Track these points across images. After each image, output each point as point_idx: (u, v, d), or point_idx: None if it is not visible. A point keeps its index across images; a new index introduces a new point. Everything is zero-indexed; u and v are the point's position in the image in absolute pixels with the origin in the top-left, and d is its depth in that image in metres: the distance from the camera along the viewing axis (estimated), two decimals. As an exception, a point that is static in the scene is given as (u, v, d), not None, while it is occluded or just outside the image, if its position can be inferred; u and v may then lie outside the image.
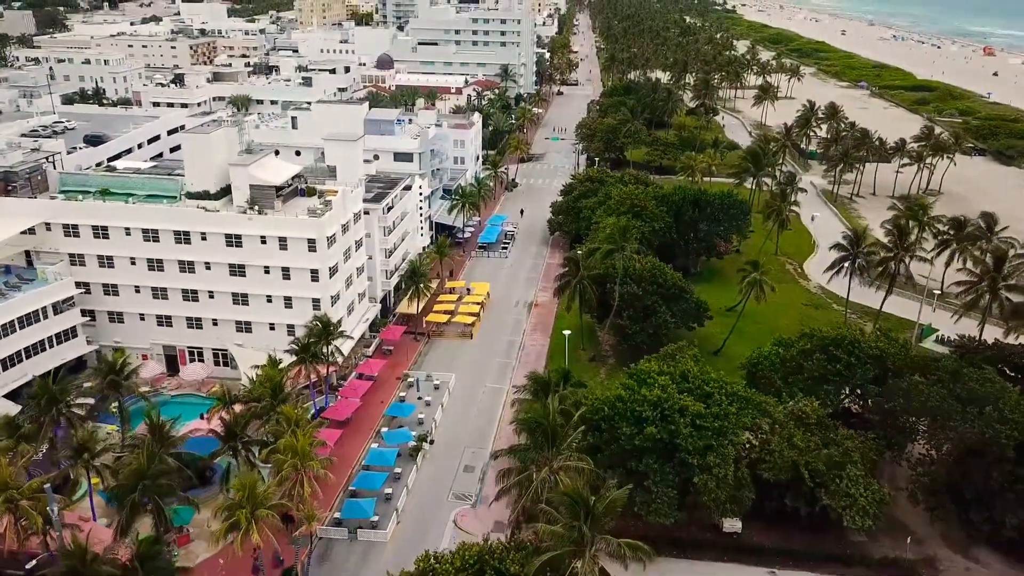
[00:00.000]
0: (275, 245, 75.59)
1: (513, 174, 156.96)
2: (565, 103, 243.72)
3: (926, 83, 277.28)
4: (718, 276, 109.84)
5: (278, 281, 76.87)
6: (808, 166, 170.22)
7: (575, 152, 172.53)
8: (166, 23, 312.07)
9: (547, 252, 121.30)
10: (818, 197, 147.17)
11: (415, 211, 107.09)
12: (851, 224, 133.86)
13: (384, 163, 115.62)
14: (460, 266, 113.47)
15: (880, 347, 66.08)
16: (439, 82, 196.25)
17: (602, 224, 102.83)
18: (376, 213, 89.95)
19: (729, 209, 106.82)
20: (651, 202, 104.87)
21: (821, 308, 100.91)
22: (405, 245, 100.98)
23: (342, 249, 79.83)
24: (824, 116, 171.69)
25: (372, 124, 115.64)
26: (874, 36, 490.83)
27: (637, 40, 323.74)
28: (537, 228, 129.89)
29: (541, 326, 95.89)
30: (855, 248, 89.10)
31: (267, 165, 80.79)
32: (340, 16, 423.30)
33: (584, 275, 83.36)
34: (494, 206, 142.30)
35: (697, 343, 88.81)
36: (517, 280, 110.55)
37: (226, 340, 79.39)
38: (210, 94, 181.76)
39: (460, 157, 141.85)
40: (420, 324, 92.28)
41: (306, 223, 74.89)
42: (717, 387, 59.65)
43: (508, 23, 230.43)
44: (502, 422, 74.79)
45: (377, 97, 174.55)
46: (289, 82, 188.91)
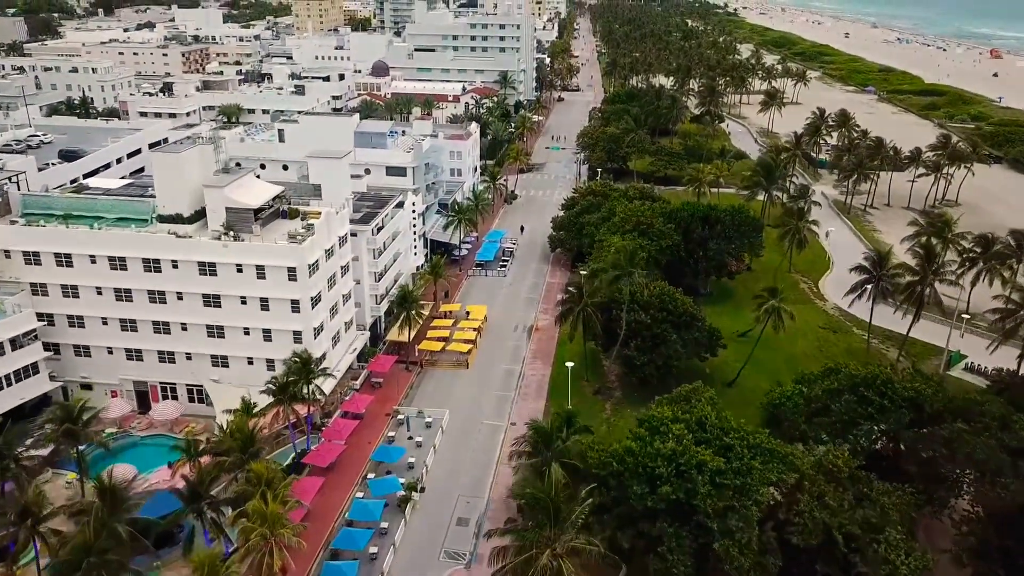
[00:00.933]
0: (252, 274, 69.56)
1: (512, 185, 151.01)
2: (566, 110, 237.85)
3: (935, 87, 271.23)
4: (729, 297, 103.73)
5: (256, 312, 70.82)
6: (818, 175, 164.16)
7: (576, 162, 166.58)
8: (159, 30, 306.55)
9: (548, 270, 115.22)
10: (830, 209, 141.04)
11: (408, 229, 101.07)
12: (867, 239, 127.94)
13: (376, 177, 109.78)
14: (456, 286, 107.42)
15: (916, 388, 59.84)
16: (436, 90, 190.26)
17: (606, 243, 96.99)
18: (364, 235, 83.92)
19: (740, 226, 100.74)
20: (658, 219, 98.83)
21: (840, 332, 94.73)
22: (397, 266, 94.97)
23: (326, 276, 73.79)
24: (835, 123, 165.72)
25: (363, 137, 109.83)
26: (878, 39, 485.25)
27: (639, 45, 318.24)
28: (537, 244, 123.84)
29: (542, 353, 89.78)
30: (878, 270, 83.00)
31: (245, 186, 74.81)
32: (337, 22, 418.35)
33: (588, 302, 77.26)
34: (492, 220, 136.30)
35: (709, 372, 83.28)
36: (516, 301, 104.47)
37: (201, 375, 73.32)
38: (199, 103, 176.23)
39: (457, 169, 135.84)
40: (412, 352, 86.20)
41: (285, 250, 68.87)
42: (738, 438, 53.47)
43: (507, 28, 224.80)
44: (500, 465, 68.68)
45: (371, 106, 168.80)
46: (281, 90, 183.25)
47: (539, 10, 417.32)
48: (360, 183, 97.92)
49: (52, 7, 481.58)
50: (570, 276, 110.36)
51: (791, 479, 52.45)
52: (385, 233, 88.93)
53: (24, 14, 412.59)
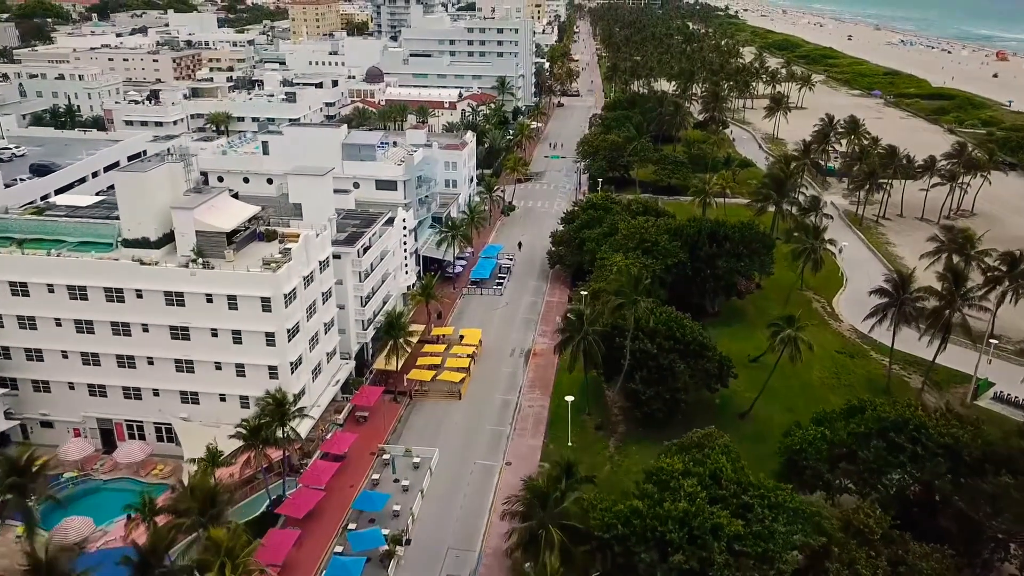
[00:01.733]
0: (223, 304, 63.88)
1: (510, 196, 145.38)
2: (566, 116, 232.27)
3: (942, 91, 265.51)
4: (739, 318, 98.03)
5: (228, 346, 65.14)
6: (827, 184, 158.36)
7: (577, 171, 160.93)
8: (152, 35, 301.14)
9: (546, 287, 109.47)
10: (841, 220, 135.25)
11: (398, 247, 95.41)
12: (881, 253, 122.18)
13: (365, 191, 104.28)
14: (450, 307, 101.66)
15: (952, 433, 54.03)
16: (432, 96, 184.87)
17: (608, 262, 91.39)
18: (349, 257, 78.23)
19: (750, 243, 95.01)
20: (663, 237, 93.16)
21: (858, 357, 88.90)
22: (386, 288, 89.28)
23: (305, 305, 68.10)
24: (844, 130, 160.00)
25: (351, 149, 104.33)
26: (881, 41, 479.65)
27: (640, 48, 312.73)
28: (536, 259, 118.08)
29: (540, 381, 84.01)
30: (900, 293, 77.23)
31: (217, 207, 69.12)
32: (335, 26, 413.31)
33: (589, 330, 71.52)
34: (489, 232, 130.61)
35: (719, 403, 77.61)
36: (513, 322, 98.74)
37: (169, 413, 67.63)
38: (187, 111, 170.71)
39: (452, 180, 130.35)
40: (400, 382, 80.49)
41: (259, 279, 63.17)
42: (758, 496, 47.72)
43: (505, 32, 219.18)
44: (493, 514, 62.92)
45: (364, 113, 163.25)
46: (272, 97, 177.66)
47: (538, 13, 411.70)
48: (348, 198, 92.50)
49: (47, 12, 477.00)
50: (570, 294, 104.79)
51: (818, 543, 46.69)
52: (372, 253, 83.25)
53: (18, 19, 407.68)
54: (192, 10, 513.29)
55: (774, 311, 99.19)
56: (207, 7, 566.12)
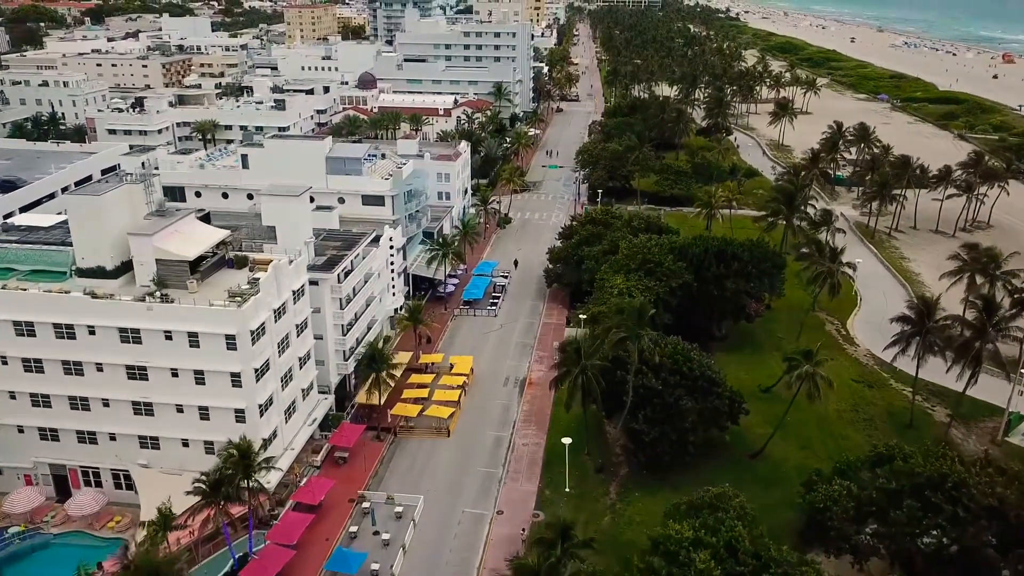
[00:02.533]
0: (184, 342, 57.95)
1: (506, 208, 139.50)
2: (565, 122, 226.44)
3: (950, 95, 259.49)
4: (748, 342, 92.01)
5: (190, 387, 59.20)
6: (836, 194, 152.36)
7: (575, 181, 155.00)
8: (143, 39, 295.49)
9: (543, 308, 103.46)
10: (853, 233, 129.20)
11: (384, 268, 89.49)
12: (896, 268, 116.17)
13: (351, 207, 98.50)
14: (440, 330, 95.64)
15: (999, 493, 48.00)
16: (426, 103, 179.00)
17: (609, 284, 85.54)
18: (328, 283, 72.26)
19: (760, 262, 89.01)
20: (667, 257, 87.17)
21: (877, 387, 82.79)
22: (370, 313, 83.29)
23: (276, 340, 62.15)
24: (854, 137, 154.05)
25: (335, 163, 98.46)
26: (885, 43, 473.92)
27: (640, 52, 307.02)
28: (532, 275, 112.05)
29: (536, 415, 77.98)
30: (925, 322, 71.20)
31: (181, 232, 63.24)
32: (331, 30, 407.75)
33: (587, 364, 65.53)
34: (484, 247, 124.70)
35: (729, 439, 71.56)
36: (507, 347, 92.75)
37: (128, 459, 61.70)
38: (173, 119, 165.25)
39: (444, 192, 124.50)
40: (384, 418, 74.51)
41: (222, 314, 57.21)
42: (781, 574, 41.68)
43: (502, 36, 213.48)
44: (483, 572, 56.94)
45: (355, 122, 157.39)
46: (261, 104, 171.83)
47: (537, 16, 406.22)
48: (331, 216, 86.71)
49: (41, 16, 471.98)
50: (568, 314, 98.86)
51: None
52: (354, 278, 77.28)
53: (11, 23, 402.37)
54: (189, 14, 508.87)
55: (785, 335, 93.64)
56: (204, 11, 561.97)
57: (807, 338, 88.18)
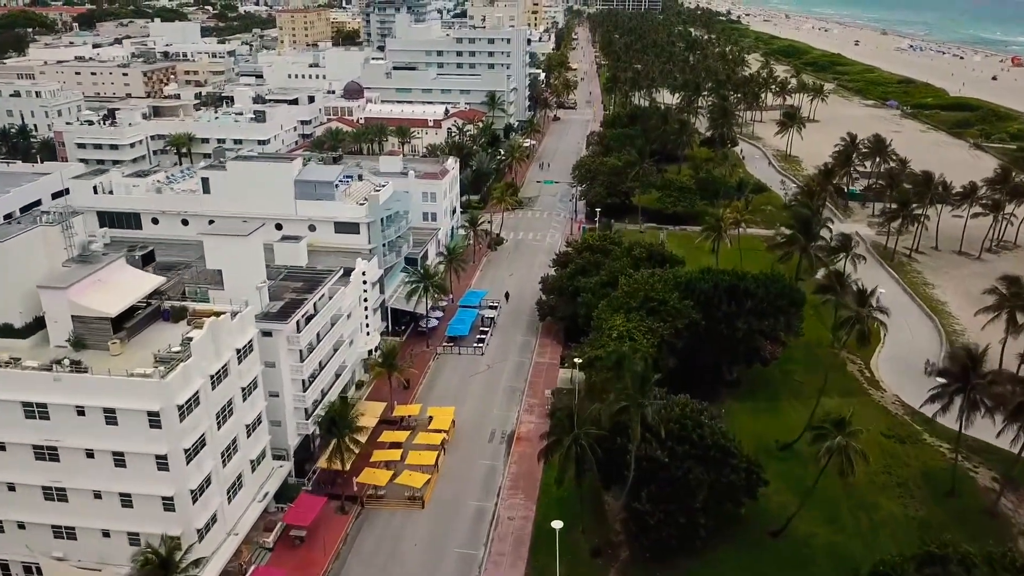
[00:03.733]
0: (99, 418, 48.74)
1: (498, 227, 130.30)
2: (562, 131, 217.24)
3: (962, 101, 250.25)
4: (762, 386, 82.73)
5: (108, 470, 50.00)
6: (850, 211, 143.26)
7: (572, 198, 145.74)
8: (127, 46, 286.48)
9: (536, 344, 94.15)
10: (870, 254, 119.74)
11: (356, 307, 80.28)
12: (920, 296, 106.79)
13: (323, 235, 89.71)
14: (421, 372, 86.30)
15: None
16: (415, 113, 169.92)
17: (607, 325, 76.36)
18: (283, 334, 63.03)
19: (776, 299, 79.68)
20: (672, 295, 77.87)
21: (910, 442, 73.37)
22: (338, 359, 73.93)
23: (214, 409, 52.92)
24: (868, 150, 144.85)
25: (305, 187, 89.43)
26: (889, 46, 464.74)
27: (640, 56, 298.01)
28: (524, 306, 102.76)
29: (524, 479, 68.63)
30: (969, 377, 61.92)
31: (104, 282, 54.09)
32: (325, 35, 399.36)
33: (581, 433, 56.26)
34: (473, 272, 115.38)
35: (744, 513, 62.26)
36: (495, 392, 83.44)
37: (40, 551, 52.45)
38: (146, 132, 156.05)
39: (430, 213, 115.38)
40: (350, 485, 65.24)
41: (142, 387, 47.94)
42: None
43: (497, 43, 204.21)
44: None
45: (338, 135, 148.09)
46: (241, 115, 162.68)
47: (535, 20, 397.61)
48: (297, 249, 77.47)
49: (30, 21, 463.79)
50: (563, 354, 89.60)
51: None
52: (318, 323, 68.03)
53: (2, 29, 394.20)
54: (183, 19, 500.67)
55: (804, 378, 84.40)
56: (198, 16, 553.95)
57: (828, 381, 78.99)
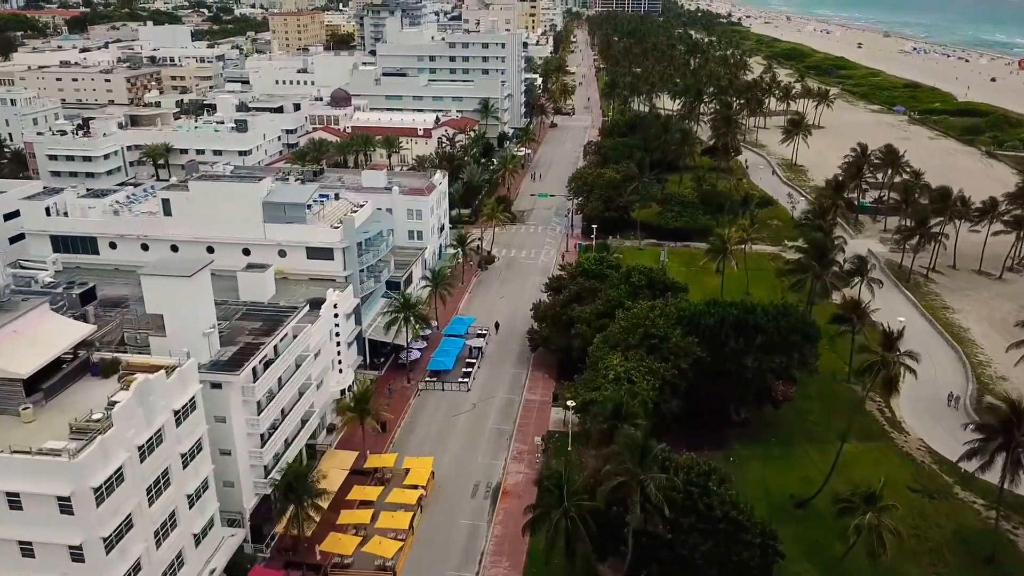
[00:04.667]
0: (2, 503, 41.38)
1: (489, 244, 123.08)
2: (559, 139, 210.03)
3: (971, 106, 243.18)
4: (774, 428, 75.36)
5: (15, 560, 42.58)
6: (861, 225, 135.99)
7: (568, 212, 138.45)
8: (113, 50, 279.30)
9: (527, 378, 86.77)
10: (884, 274, 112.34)
11: (327, 342, 72.99)
12: (940, 323, 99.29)
13: (295, 261, 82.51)
14: (400, 413, 79.00)
15: None
16: (404, 122, 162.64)
17: (604, 365, 69.11)
18: (236, 386, 55.62)
19: (789, 334, 72.34)
20: (674, 331, 70.53)
21: (940, 498, 65.93)
22: (303, 405, 66.43)
23: (143, 485, 45.50)
24: (880, 160, 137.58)
25: (274, 209, 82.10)
26: (893, 49, 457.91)
27: (640, 60, 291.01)
28: (515, 333, 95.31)
29: (510, 543, 61.08)
30: (1015, 433, 54.59)
31: (20, 335, 46.71)
32: (319, 38, 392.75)
33: (571, 506, 48.92)
34: (461, 294, 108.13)
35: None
36: (480, 436, 76.06)
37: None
38: (122, 143, 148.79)
39: (416, 231, 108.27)
40: (313, 552, 57.89)
41: (49, 469, 40.54)
42: None
43: (491, 48, 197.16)
44: None
45: (321, 146, 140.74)
46: (222, 125, 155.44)
47: (532, 23, 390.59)
48: (262, 280, 69.98)
49: (22, 24, 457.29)
50: (555, 390, 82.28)
51: None
52: (278, 368, 60.61)
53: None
54: (177, 22, 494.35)
55: (819, 419, 77.13)
56: (192, 18, 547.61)
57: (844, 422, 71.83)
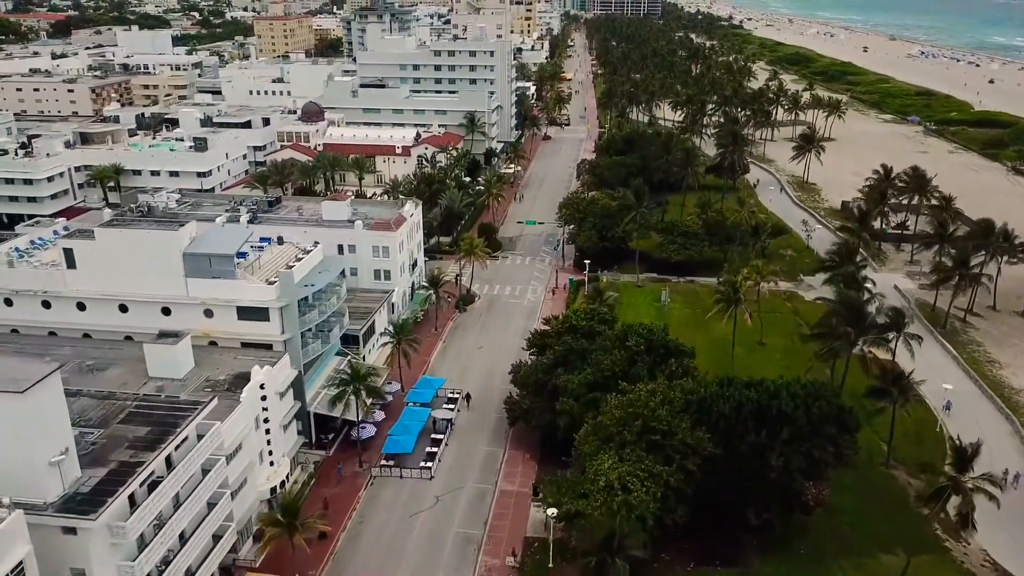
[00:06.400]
0: None
1: (468, 279, 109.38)
2: (553, 152, 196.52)
3: (990, 116, 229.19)
4: (799, 535, 61.30)
5: None
6: (884, 256, 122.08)
7: (559, 241, 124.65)
8: (83, 57, 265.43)
9: (502, 460, 72.65)
10: (916, 318, 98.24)
11: (251, 432, 59.12)
12: (985, 380, 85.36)
13: (223, 322, 68.71)
14: (346, 511, 65.02)
15: None
16: (382, 139, 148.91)
17: (593, 470, 55.28)
18: (96, 531, 41.66)
19: (821, 424, 58.41)
20: (681, 423, 56.61)
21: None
22: (216, 518, 52.54)
23: None
24: (905, 184, 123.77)
25: (197, 261, 68.15)
26: (900, 53, 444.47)
27: (639, 66, 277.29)
28: (491, 399, 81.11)
29: None
30: None
31: None
32: (306, 43, 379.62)
33: None
34: (434, 344, 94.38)
35: None
36: (442, 544, 61.98)
37: None
38: (70, 163, 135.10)
39: (383, 271, 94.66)
40: None
41: None
42: None
43: (479, 56, 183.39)
44: None
45: (282, 169, 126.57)
46: (180, 143, 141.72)
47: (528, 27, 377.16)
48: (171, 354, 56.16)
49: (4, 29, 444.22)
50: (536, 481, 68.27)
51: None
52: (169, 489, 46.71)
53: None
54: (167, 25, 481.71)
55: (856, 524, 63.07)
56: (182, 22, 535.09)
57: (885, 522, 58.07)
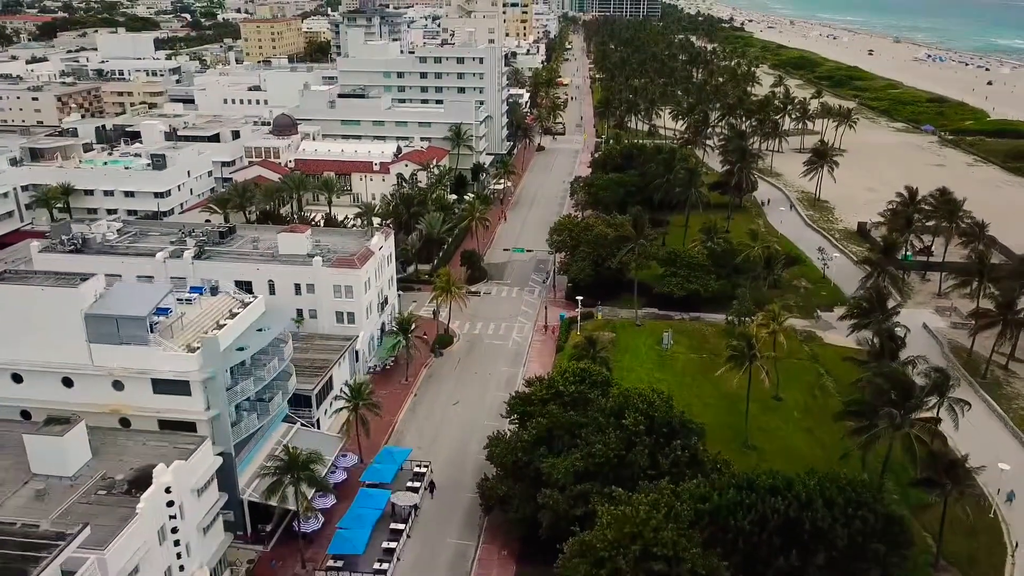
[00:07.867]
0: None
1: (447, 317, 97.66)
2: (546, 164, 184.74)
3: (1008, 125, 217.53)
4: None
5: None
6: (909, 287, 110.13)
7: (548, 274, 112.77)
8: (56, 62, 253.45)
9: (474, 559, 60.54)
10: (952, 366, 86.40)
11: (154, 548, 47.18)
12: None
13: (136, 395, 56.85)
14: (279, 631, 53.14)
15: None
16: (359, 154, 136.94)
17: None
18: None
19: (865, 541, 46.49)
20: (689, 545, 44.61)
21: None
22: None
23: None
24: (932, 207, 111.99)
25: (101, 325, 56.18)
26: (906, 56, 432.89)
27: (639, 71, 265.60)
28: (466, 472, 69.39)
29: None
30: None
31: None
32: (295, 47, 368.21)
33: None
34: (403, 398, 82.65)
35: None
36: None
37: None
38: (17, 182, 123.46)
39: (346, 313, 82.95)
40: None
41: None
42: None
43: (467, 63, 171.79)
44: None
45: (244, 191, 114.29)
46: (137, 159, 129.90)
47: (524, 30, 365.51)
48: (60, 449, 44.30)
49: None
50: (514, 581, 56.39)
51: None
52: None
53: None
54: (156, 27, 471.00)
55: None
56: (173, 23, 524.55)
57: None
